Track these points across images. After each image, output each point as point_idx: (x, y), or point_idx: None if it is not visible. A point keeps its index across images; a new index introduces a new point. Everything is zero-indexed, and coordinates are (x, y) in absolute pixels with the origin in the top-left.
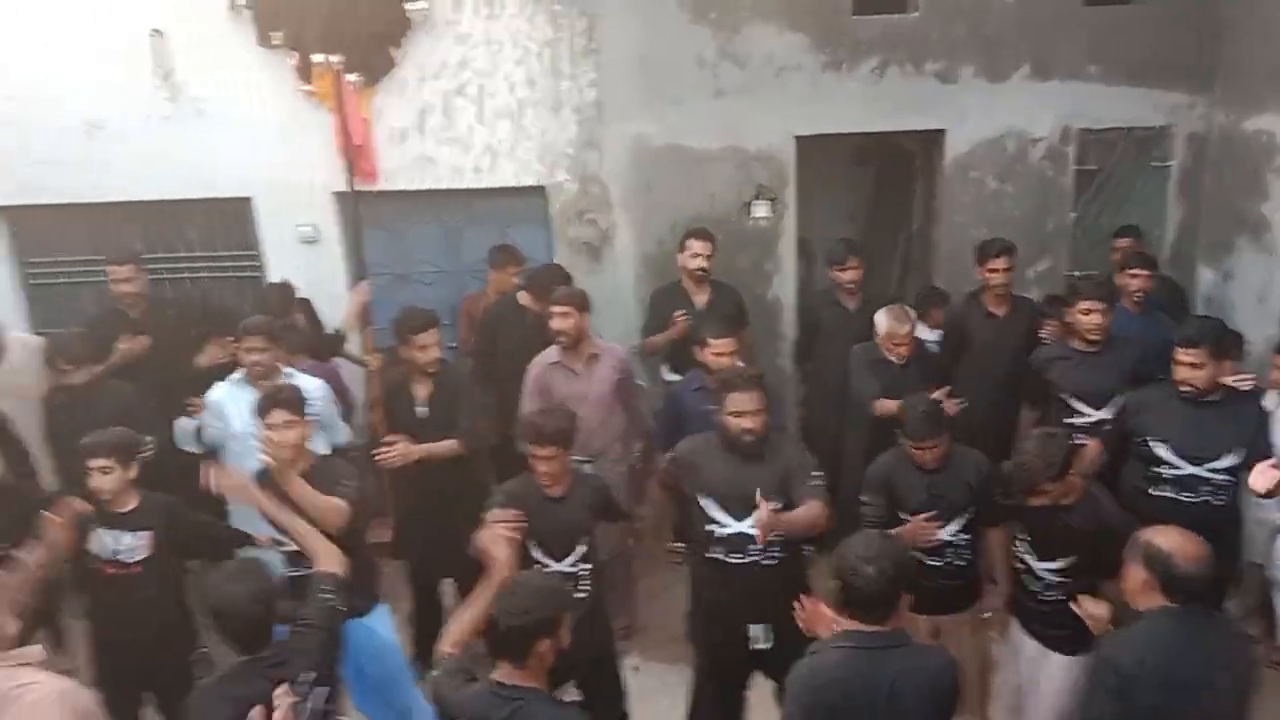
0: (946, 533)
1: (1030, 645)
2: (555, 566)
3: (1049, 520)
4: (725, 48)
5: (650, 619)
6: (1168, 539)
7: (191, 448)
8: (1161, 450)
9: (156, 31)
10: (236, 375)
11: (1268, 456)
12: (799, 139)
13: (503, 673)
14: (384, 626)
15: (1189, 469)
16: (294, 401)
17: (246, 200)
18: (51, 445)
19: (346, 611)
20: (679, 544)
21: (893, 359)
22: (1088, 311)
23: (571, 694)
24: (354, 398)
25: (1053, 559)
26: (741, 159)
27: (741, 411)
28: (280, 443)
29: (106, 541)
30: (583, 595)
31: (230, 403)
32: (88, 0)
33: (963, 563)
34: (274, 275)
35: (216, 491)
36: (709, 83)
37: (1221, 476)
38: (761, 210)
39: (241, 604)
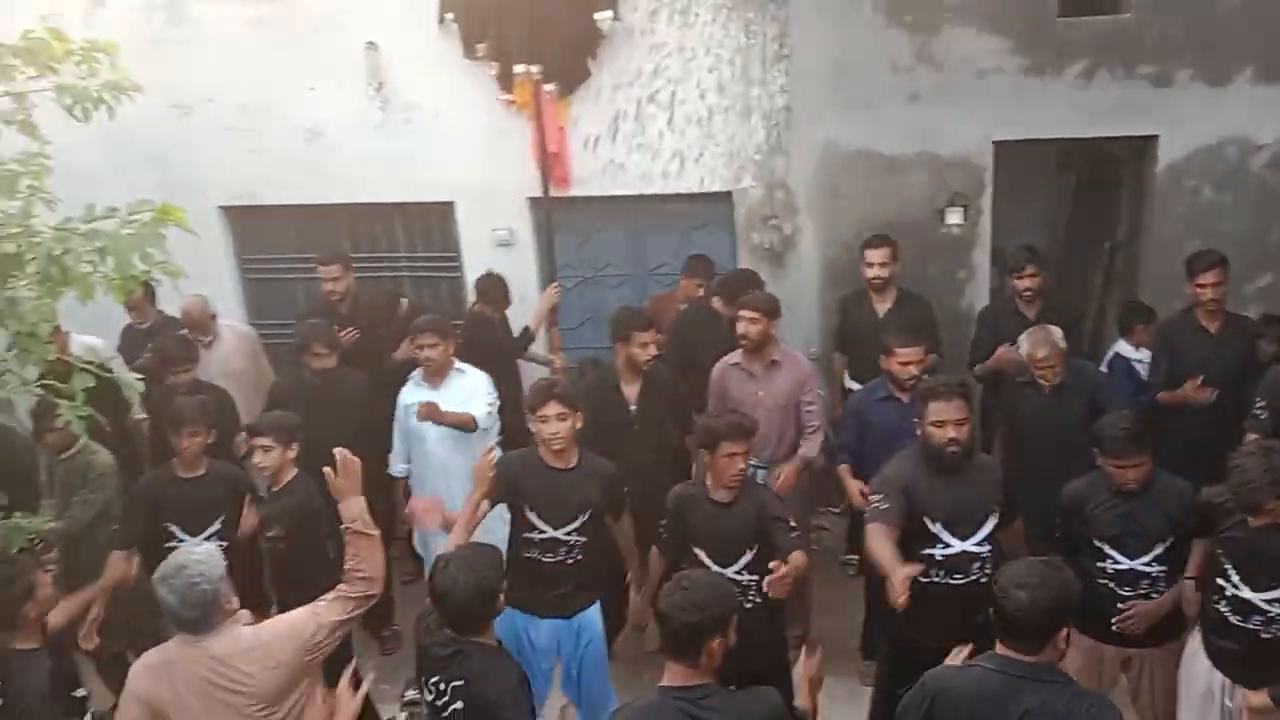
0: (1140, 562)
1: (1239, 695)
2: (721, 573)
3: (1268, 542)
4: (922, 51)
5: (822, 631)
6: None
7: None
8: None
9: (371, 44)
10: (416, 373)
11: None
12: (997, 144)
13: (673, 675)
14: (595, 618)
15: None
16: (567, 395)
17: (449, 204)
18: None
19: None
20: (853, 556)
21: (1042, 383)
22: None
23: None
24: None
25: (1274, 588)
26: (935, 165)
27: (944, 421)
28: (552, 435)
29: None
30: (750, 605)
31: (407, 398)
32: (310, 16)
33: (1157, 595)
34: (472, 277)
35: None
36: (903, 86)
37: None
38: (955, 217)
39: (461, 593)
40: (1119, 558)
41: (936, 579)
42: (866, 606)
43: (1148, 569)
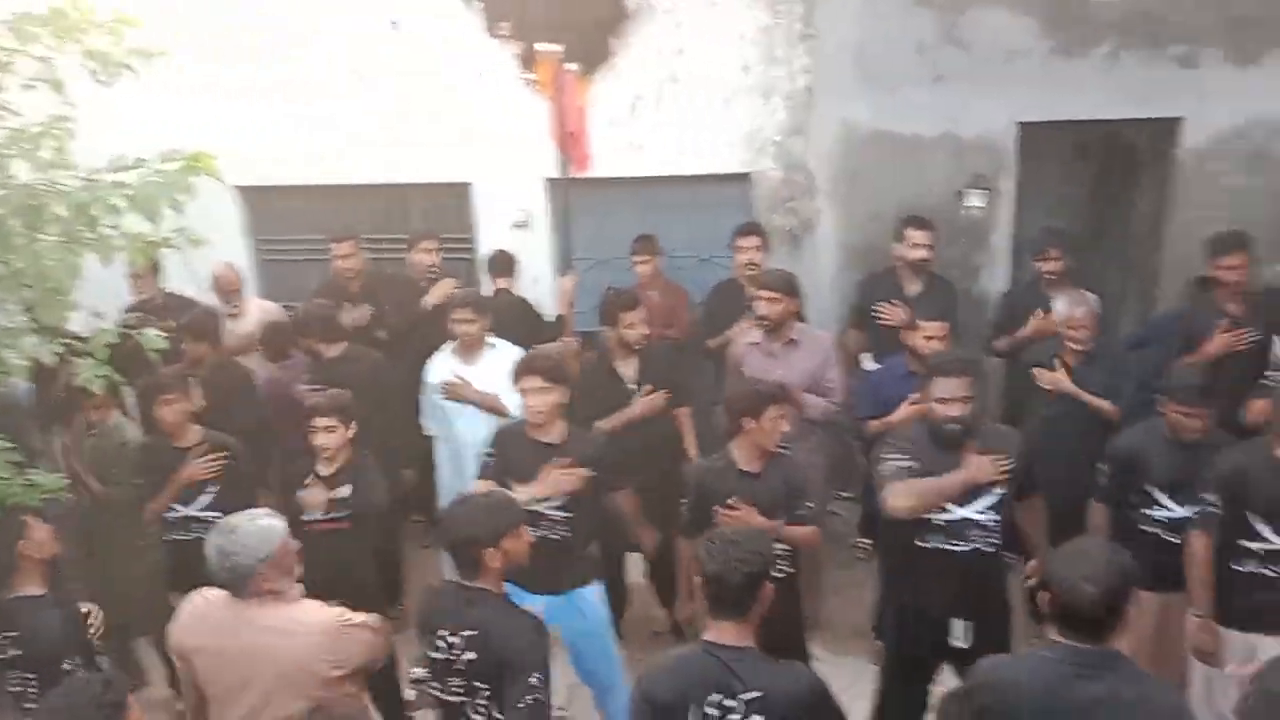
0: (1192, 510)
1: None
2: None
3: None
4: (949, 32)
5: (832, 612)
6: None
7: (431, 430)
8: None
9: (393, 23)
10: (448, 347)
11: None
12: (1022, 126)
13: (719, 632)
14: (591, 597)
15: None
16: (549, 369)
17: (465, 185)
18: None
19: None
20: (865, 540)
21: (1074, 346)
22: None
23: None
24: None
25: None
26: (957, 146)
27: (947, 398)
28: (534, 408)
29: (319, 498)
30: (779, 575)
31: (437, 372)
32: None
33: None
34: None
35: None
36: (928, 68)
37: None
38: (975, 200)
39: (459, 529)
40: (1171, 505)
41: (936, 544)
42: (880, 585)
43: (1195, 515)
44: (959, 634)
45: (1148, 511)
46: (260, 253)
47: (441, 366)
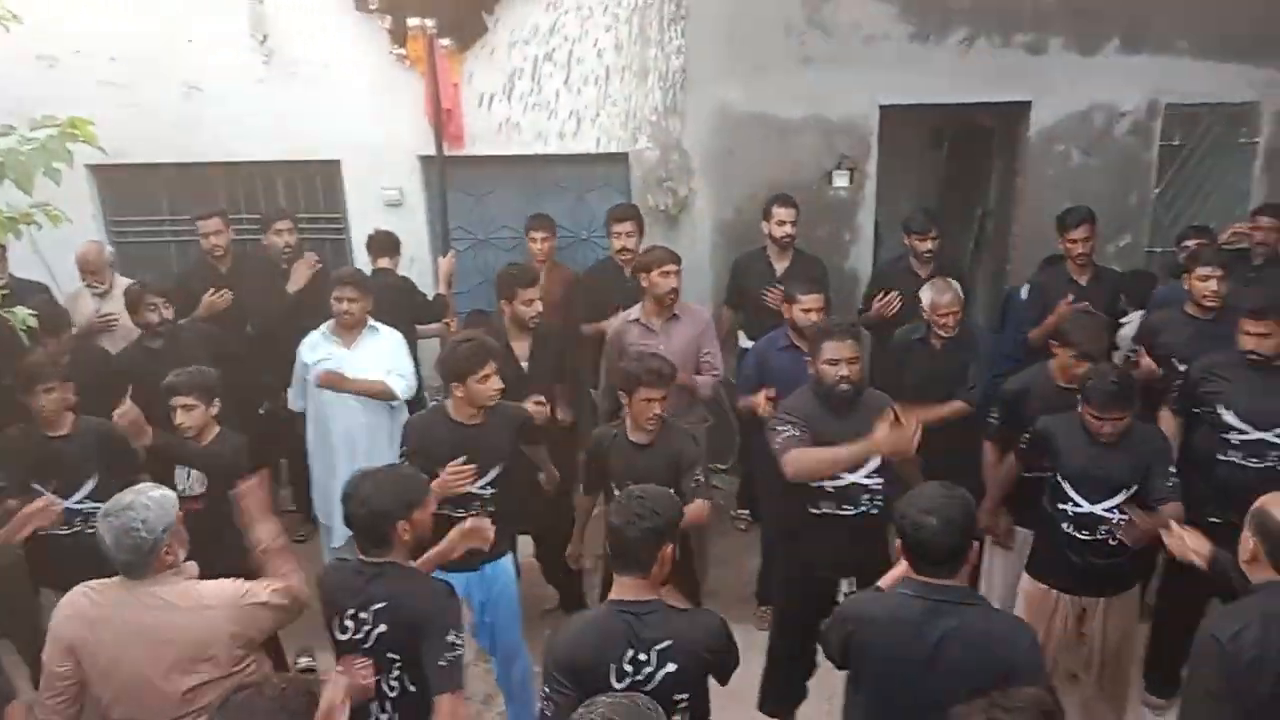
0: (1101, 508)
1: None
2: None
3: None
4: (813, 16)
5: (718, 582)
6: None
7: (296, 408)
8: (1229, 417)
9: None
10: (325, 326)
11: None
12: (883, 109)
13: (622, 589)
14: (506, 566)
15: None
16: (498, 352)
17: (335, 163)
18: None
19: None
20: (744, 511)
21: (941, 333)
22: (1205, 278)
23: None
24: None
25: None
26: (825, 128)
27: (837, 359)
28: (496, 392)
29: (180, 477)
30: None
31: (311, 352)
32: None
33: (1116, 542)
34: (358, 238)
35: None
36: (795, 51)
37: None
38: (842, 180)
39: (368, 503)
40: (1080, 500)
41: (828, 510)
42: (762, 553)
43: (1107, 513)
44: (846, 591)
45: (1062, 506)
46: (114, 235)
47: (316, 348)
